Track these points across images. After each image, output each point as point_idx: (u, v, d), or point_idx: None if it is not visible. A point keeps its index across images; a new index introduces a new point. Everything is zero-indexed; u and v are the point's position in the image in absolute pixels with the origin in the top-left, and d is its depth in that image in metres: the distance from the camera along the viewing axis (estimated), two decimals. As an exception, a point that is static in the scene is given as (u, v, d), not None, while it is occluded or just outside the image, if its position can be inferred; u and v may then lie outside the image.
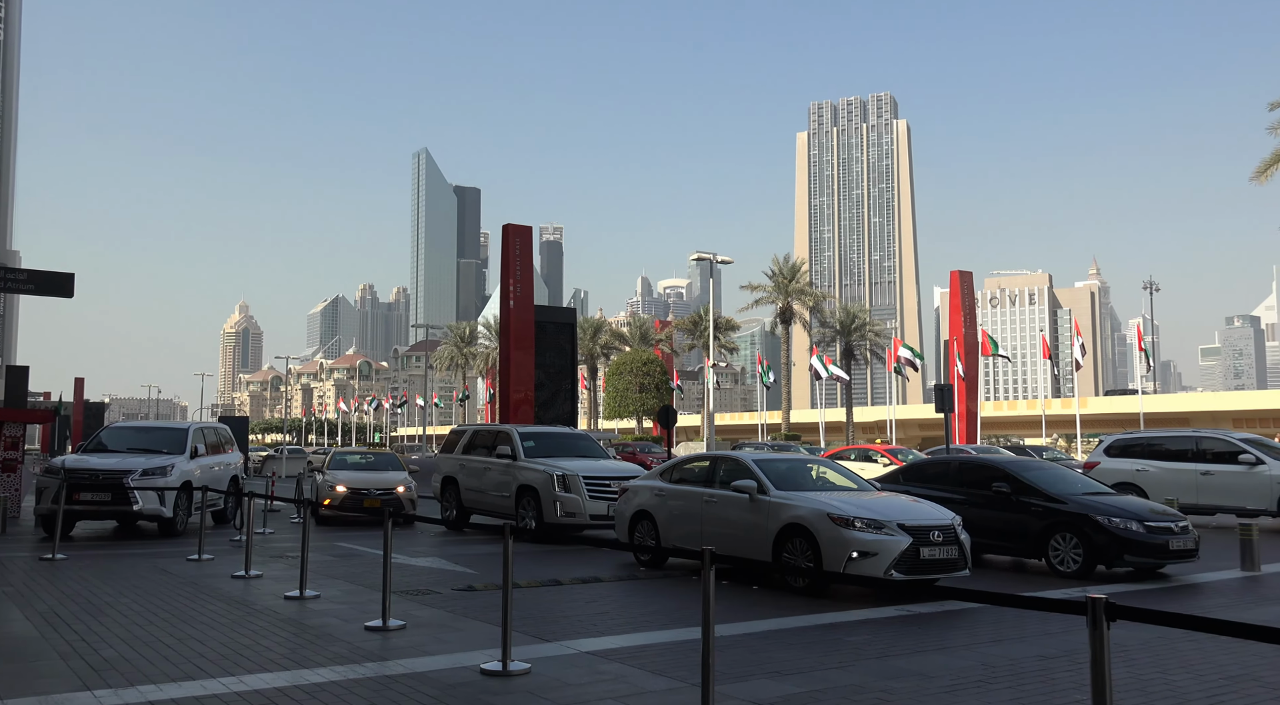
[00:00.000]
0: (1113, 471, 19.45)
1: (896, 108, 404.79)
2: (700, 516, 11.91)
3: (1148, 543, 11.57)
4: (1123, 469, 19.37)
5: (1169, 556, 11.68)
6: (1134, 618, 3.61)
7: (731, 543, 11.32)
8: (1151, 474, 18.98)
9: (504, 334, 29.77)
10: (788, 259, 72.25)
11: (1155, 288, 78.59)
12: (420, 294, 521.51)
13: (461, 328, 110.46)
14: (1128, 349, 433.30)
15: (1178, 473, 18.74)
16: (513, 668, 6.73)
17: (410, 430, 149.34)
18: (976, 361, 47.88)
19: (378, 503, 19.02)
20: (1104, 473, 19.52)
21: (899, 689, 6.41)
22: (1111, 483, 19.09)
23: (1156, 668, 7.06)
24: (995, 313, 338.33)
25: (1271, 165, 32.89)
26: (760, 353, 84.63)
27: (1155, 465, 19.05)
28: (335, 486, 19.23)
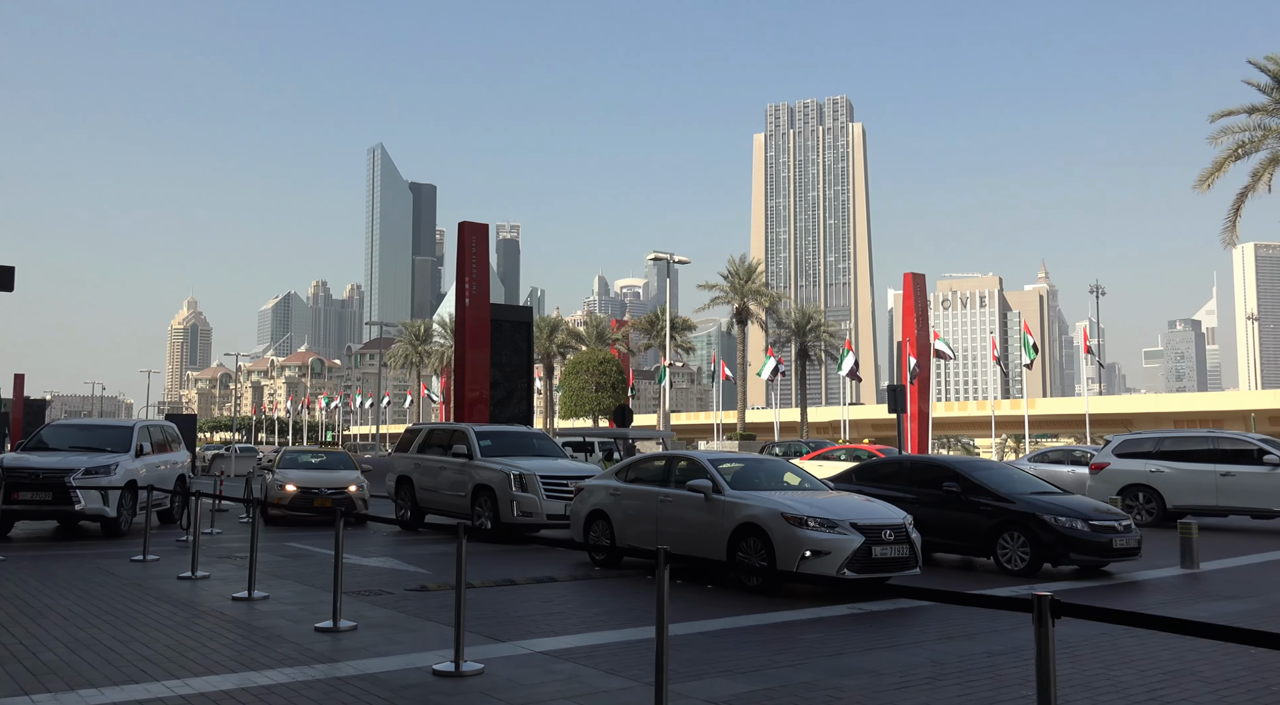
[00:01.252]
0: (1125, 473, 18.98)
1: (852, 111, 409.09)
2: (655, 516, 11.93)
3: (1092, 541, 11.81)
4: (1136, 470, 18.88)
5: (1113, 554, 11.93)
6: (1078, 615, 3.68)
7: (686, 542, 11.35)
8: (1168, 475, 18.48)
9: (459, 332, 29.55)
10: (744, 260, 72.64)
11: (1101, 292, 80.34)
12: (374, 291, 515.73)
13: (416, 325, 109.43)
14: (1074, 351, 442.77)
15: (1197, 474, 18.21)
16: (466, 668, 6.68)
17: (363, 429, 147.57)
18: (929, 363, 48.54)
19: (328, 502, 18.64)
20: (1115, 474, 19.08)
21: (850, 686, 6.48)
22: (1124, 484, 18.86)
23: (1100, 663, 7.22)
24: (947, 315, 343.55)
25: (1212, 174, 33.77)
26: (716, 352, 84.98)
27: (1171, 466, 18.55)
28: (285, 485, 18.85)
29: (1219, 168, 33.60)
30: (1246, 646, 3.75)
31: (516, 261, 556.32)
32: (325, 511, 18.68)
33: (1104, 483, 19.26)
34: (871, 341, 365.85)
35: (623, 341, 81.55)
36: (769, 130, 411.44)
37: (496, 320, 29.87)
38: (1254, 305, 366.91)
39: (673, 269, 38.20)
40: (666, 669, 5.29)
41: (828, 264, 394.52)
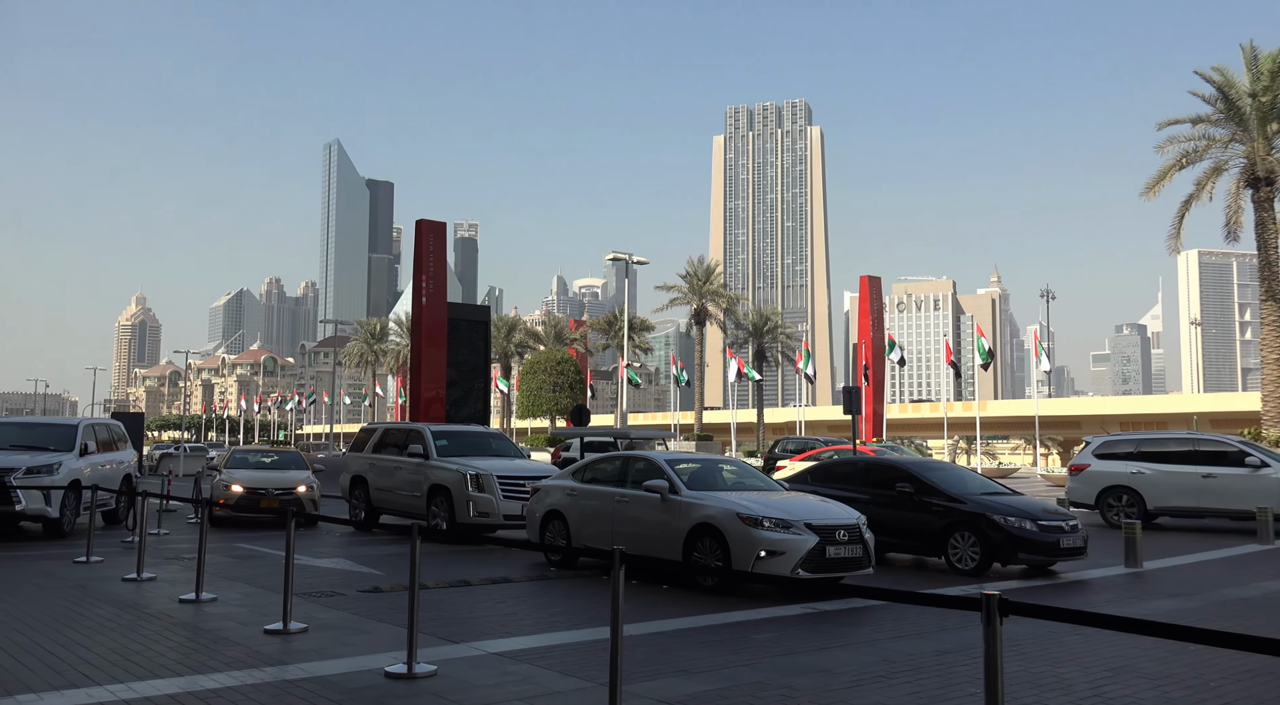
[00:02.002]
0: (1107, 474, 18.93)
1: (811, 115, 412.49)
2: (612, 516, 11.92)
3: (1041, 541, 11.96)
4: (1117, 471, 18.83)
5: (1060, 554, 12.12)
6: (1026, 613, 3.75)
7: (643, 542, 11.35)
8: (1149, 476, 18.42)
9: (416, 331, 29.30)
10: (702, 261, 72.90)
11: (1051, 296, 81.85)
12: (329, 289, 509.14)
13: (372, 324, 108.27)
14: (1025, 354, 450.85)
15: (1179, 475, 18.14)
16: (418, 670, 6.62)
17: (317, 428, 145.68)
18: (884, 365, 49.15)
19: (275, 503, 18.09)
20: (1096, 475, 19.03)
21: (803, 685, 6.53)
22: (1105, 485, 18.84)
23: (1046, 661, 7.35)
24: (902, 317, 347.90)
25: (1158, 182, 34.55)
26: (674, 353, 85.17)
27: (1153, 468, 18.47)
28: (230, 486, 18.33)
29: (1164, 176, 34.39)
30: (1186, 643, 3.86)
31: (474, 260, 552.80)
32: (274, 512, 18.17)
33: (1084, 484, 19.22)
34: (828, 343, 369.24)
35: (581, 341, 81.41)
36: (728, 132, 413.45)
37: (454, 319, 29.68)
38: (1197, 311, 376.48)
39: (632, 269, 38.22)
40: (621, 669, 5.29)
41: (785, 266, 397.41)
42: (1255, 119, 33.09)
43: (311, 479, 19.16)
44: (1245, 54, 33.92)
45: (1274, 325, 33.23)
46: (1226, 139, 33.89)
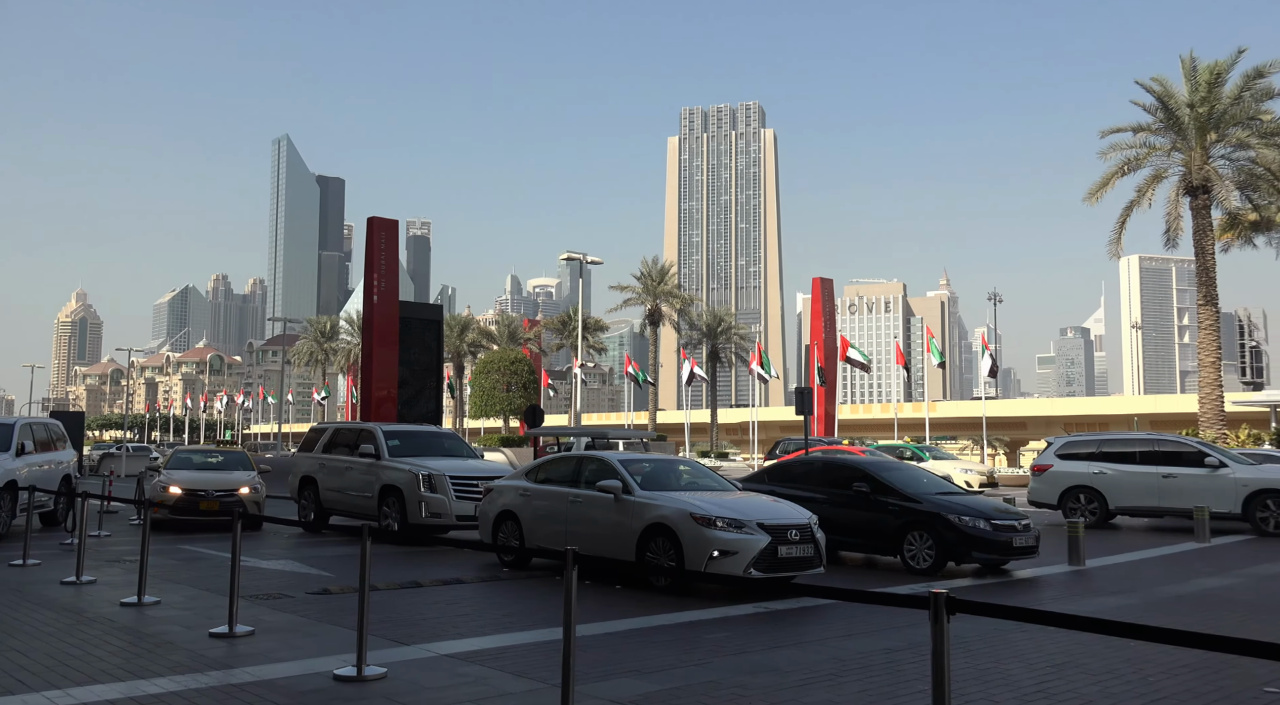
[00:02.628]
0: (1069, 474, 19.14)
1: (764, 117, 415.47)
2: (565, 517, 11.88)
3: (994, 540, 12.08)
4: (1079, 471, 19.05)
5: (1013, 553, 12.24)
6: (972, 611, 3.82)
7: (596, 542, 11.33)
8: (1111, 477, 18.67)
9: (367, 330, 28.96)
10: (656, 261, 73.06)
11: (999, 299, 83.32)
12: (278, 286, 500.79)
13: (322, 322, 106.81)
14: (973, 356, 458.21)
15: (1139, 475, 18.43)
16: (368, 673, 6.55)
17: (265, 428, 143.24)
18: (835, 366, 49.64)
19: (216, 505, 17.29)
20: (1059, 475, 19.22)
21: (755, 684, 6.57)
22: (1068, 485, 19.05)
23: (992, 657, 7.49)
24: (854, 319, 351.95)
25: (1101, 188, 35.37)
26: (629, 353, 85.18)
27: (1114, 468, 18.72)
28: (168, 487, 17.50)
29: (1106, 183, 35.21)
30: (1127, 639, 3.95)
31: (427, 259, 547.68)
32: (214, 515, 17.40)
33: (1046, 484, 19.43)
34: (781, 344, 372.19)
35: (535, 341, 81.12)
36: (683, 133, 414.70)
37: (406, 318, 29.39)
38: (1138, 314, 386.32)
39: (586, 269, 38.18)
40: (574, 670, 5.28)
41: (739, 267, 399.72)
42: (1193, 129, 34.04)
43: (256, 480, 18.38)
44: (1184, 65, 34.88)
45: (1211, 329, 34.21)
46: (1166, 148, 34.82)
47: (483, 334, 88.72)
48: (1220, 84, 33.87)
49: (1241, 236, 41.83)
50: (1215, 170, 33.74)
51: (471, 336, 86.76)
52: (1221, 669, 7.10)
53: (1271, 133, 33.66)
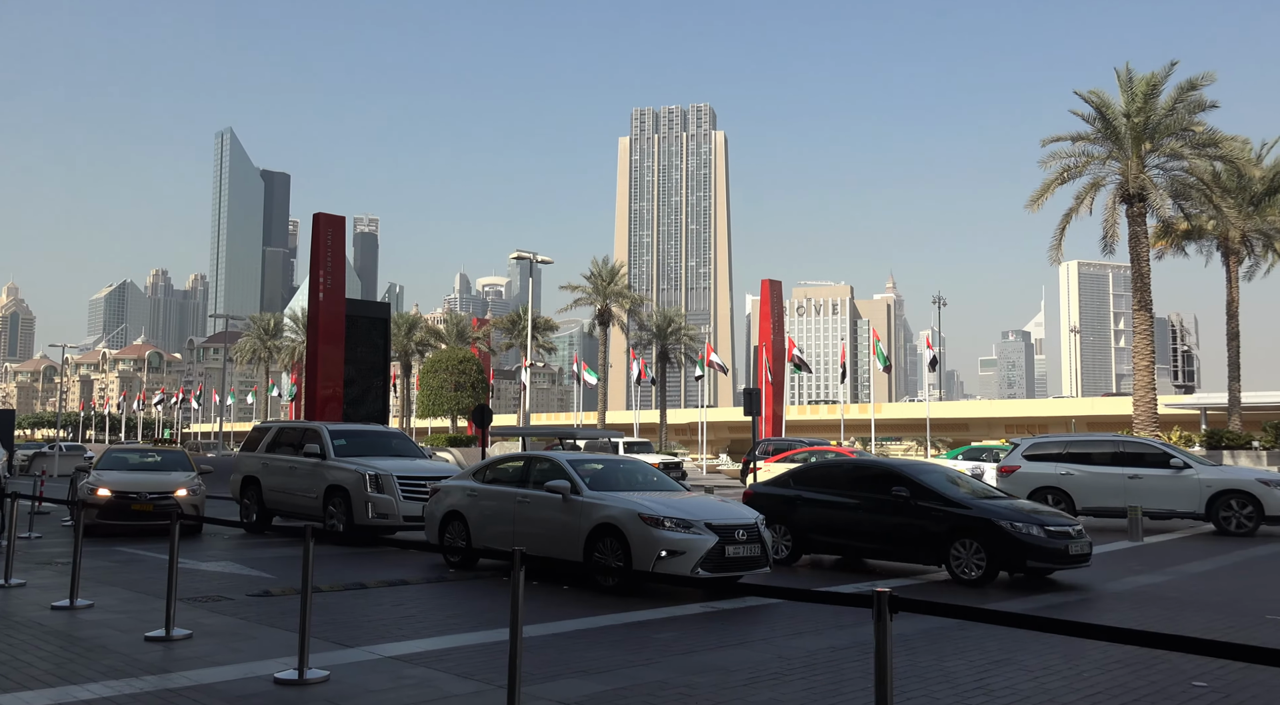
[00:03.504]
0: (1036, 475, 19.18)
1: (715, 119, 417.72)
2: (513, 517, 11.82)
3: (1049, 548, 11.20)
4: (1047, 473, 19.09)
5: (1067, 561, 11.36)
6: (914, 610, 3.88)
7: (544, 543, 11.29)
8: (1077, 478, 18.77)
9: (312, 327, 28.52)
10: (607, 261, 73.01)
11: (943, 302, 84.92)
12: (220, 282, 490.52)
13: (266, 319, 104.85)
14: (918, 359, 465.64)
15: (1105, 476, 18.56)
16: (310, 676, 6.45)
17: (206, 427, 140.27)
18: (783, 367, 50.11)
19: (149, 508, 16.03)
20: (1026, 476, 19.30)
21: (701, 684, 6.61)
22: (1036, 486, 19.08)
23: (934, 655, 7.62)
24: (802, 321, 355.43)
25: (1041, 195, 36.17)
26: (578, 353, 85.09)
27: (1081, 469, 18.83)
28: (96, 489, 16.15)
29: (1047, 190, 36.01)
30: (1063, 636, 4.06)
31: (375, 256, 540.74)
32: (147, 519, 16.13)
33: (1014, 485, 19.43)
34: (730, 345, 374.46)
35: (484, 340, 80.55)
36: (634, 134, 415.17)
37: (352, 316, 29.00)
38: (1076, 319, 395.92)
39: (536, 269, 38.02)
40: (520, 671, 5.26)
41: (689, 268, 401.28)
42: (1130, 138, 34.98)
43: (195, 481, 17.21)
44: (1120, 77, 35.83)
45: (1145, 334, 35.18)
46: (1104, 156, 35.71)
47: (431, 333, 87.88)
48: (1155, 95, 34.85)
49: (1174, 244, 43.12)
50: (1150, 179, 34.71)
51: (419, 335, 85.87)
52: (1153, 664, 7.31)
53: (1203, 144, 34.73)
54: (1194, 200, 36.58)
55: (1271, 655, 3.04)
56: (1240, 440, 39.32)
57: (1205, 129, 34.73)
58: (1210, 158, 35.37)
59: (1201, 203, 36.64)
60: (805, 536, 13.20)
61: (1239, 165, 36.86)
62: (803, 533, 13.19)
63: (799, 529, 13.20)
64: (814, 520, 13.06)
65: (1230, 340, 42.62)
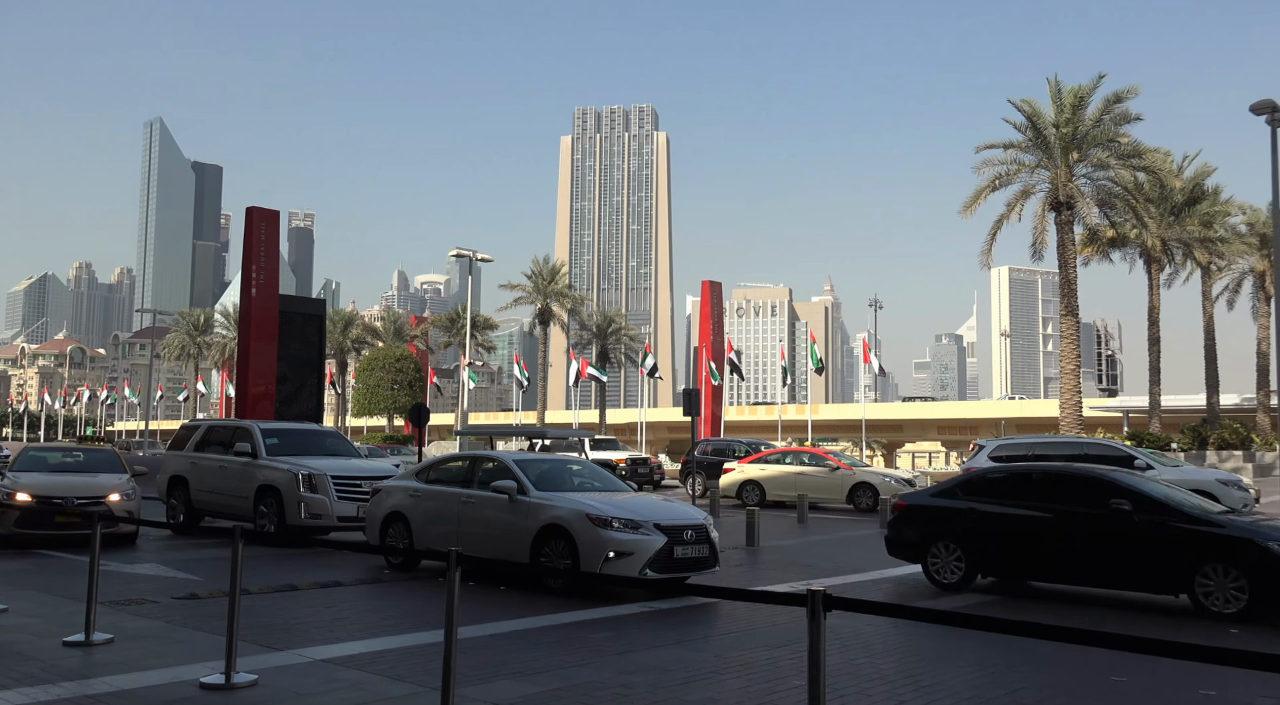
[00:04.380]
0: None
1: (657, 120, 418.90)
2: (457, 517, 11.61)
3: None
4: None
5: None
6: (847, 608, 3.93)
7: (490, 544, 11.09)
8: None
9: (244, 323, 27.89)
10: (548, 260, 72.71)
11: (879, 306, 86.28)
12: (148, 276, 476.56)
13: (196, 315, 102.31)
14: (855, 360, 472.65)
15: None
16: (237, 680, 6.30)
17: (131, 425, 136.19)
18: (723, 368, 50.46)
19: (77, 516, 13.65)
20: None
21: (637, 684, 6.61)
22: None
23: (866, 653, 7.74)
24: (741, 322, 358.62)
25: (974, 202, 37.04)
26: (518, 353, 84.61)
27: None
28: (14, 494, 14.18)
29: (979, 197, 36.87)
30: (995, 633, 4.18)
31: (310, 252, 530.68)
32: (74, 529, 13.99)
33: None
34: (670, 346, 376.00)
35: (422, 338, 79.67)
36: (576, 133, 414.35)
37: (286, 312, 28.42)
38: (1007, 323, 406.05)
39: (476, 267, 37.71)
40: (454, 672, 5.21)
41: (630, 269, 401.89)
42: (1059, 148, 35.99)
43: (129, 485, 15.24)
44: (1051, 87, 36.85)
45: (1072, 339, 36.23)
46: (1034, 165, 36.70)
47: (367, 330, 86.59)
48: (1083, 107, 35.93)
49: (1100, 252, 44.52)
50: (1078, 188, 35.75)
51: (356, 332, 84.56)
52: (1077, 659, 7.52)
53: (1128, 155, 35.91)
54: (1119, 209, 37.80)
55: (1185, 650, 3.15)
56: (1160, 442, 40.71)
57: (1130, 141, 35.92)
58: (1134, 168, 36.59)
59: (1126, 212, 37.88)
60: (982, 557, 11.03)
61: (1161, 176, 38.23)
62: (979, 553, 11.01)
63: (974, 548, 11.01)
64: (995, 538, 10.90)
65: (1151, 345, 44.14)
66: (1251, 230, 47.74)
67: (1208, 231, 44.65)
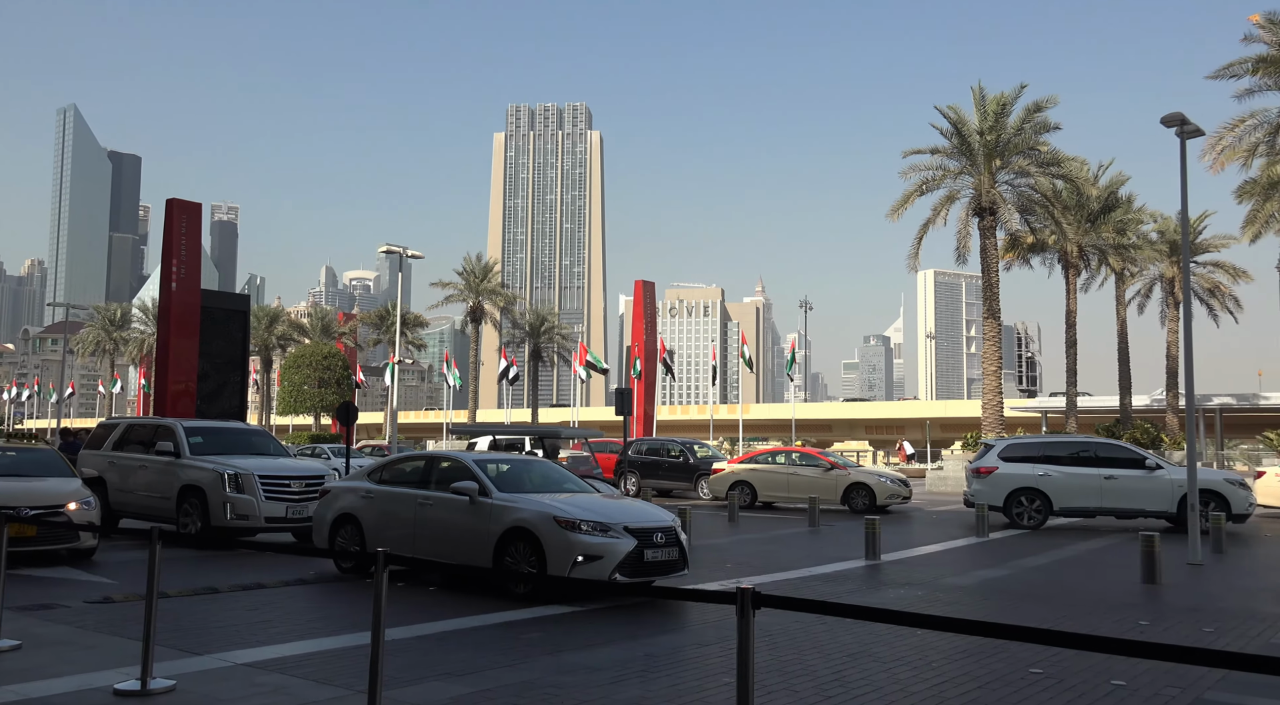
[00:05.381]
0: (1015, 476, 19.44)
1: (591, 119, 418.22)
2: (414, 520, 11.17)
3: None
4: (1025, 474, 19.37)
5: None
6: (775, 606, 3.98)
7: (450, 548, 10.74)
8: (1055, 478, 19.13)
9: (164, 319, 27.04)
10: (480, 258, 72.07)
11: (809, 307, 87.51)
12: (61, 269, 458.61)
13: (112, 309, 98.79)
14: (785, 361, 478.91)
15: (1082, 477, 18.98)
16: (153, 686, 6.11)
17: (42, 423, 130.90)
18: (655, 367, 50.62)
19: (32, 531, 11.69)
20: (1005, 477, 19.50)
21: (568, 683, 6.60)
22: (1014, 487, 19.34)
23: (794, 650, 7.85)
24: (674, 322, 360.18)
25: (901, 206, 37.84)
26: (449, 351, 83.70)
27: (1058, 470, 19.19)
28: None
29: (907, 201, 37.67)
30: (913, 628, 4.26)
31: (234, 246, 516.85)
32: (30, 545, 11.78)
33: (992, 487, 19.71)
34: (603, 345, 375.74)
35: (350, 336, 78.21)
36: (509, 130, 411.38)
37: (208, 307, 27.64)
38: (932, 325, 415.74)
39: (406, 263, 37.17)
40: (381, 675, 5.13)
41: (563, 267, 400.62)
42: (982, 155, 36.97)
43: (84, 493, 12.74)
44: (975, 95, 37.82)
45: (994, 341, 37.24)
46: (959, 171, 37.64)
47: (294, 327, 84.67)
48: (1006, 115, 36.96)
49: (1021, 257, 45.88)
50: (1000, 194, 36.77)
51: (281, 329, 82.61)
52: (995, 653, 7.75)
53: (1048, 163, 37.06)
54: (1039, 215, 38.98)
55: (1097, 642, 3.27)
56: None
57: (1049, 149, 37.08)
58: (1053, 176, 37.78)
59: (1045, 218, 39.08)
60: None
61: (1079, 184, 39.55)
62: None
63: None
64: None
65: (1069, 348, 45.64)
66: (1162, 238, 49.74)
67: (1122, 238, 46.36)
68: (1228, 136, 32.05)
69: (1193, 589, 11.50)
